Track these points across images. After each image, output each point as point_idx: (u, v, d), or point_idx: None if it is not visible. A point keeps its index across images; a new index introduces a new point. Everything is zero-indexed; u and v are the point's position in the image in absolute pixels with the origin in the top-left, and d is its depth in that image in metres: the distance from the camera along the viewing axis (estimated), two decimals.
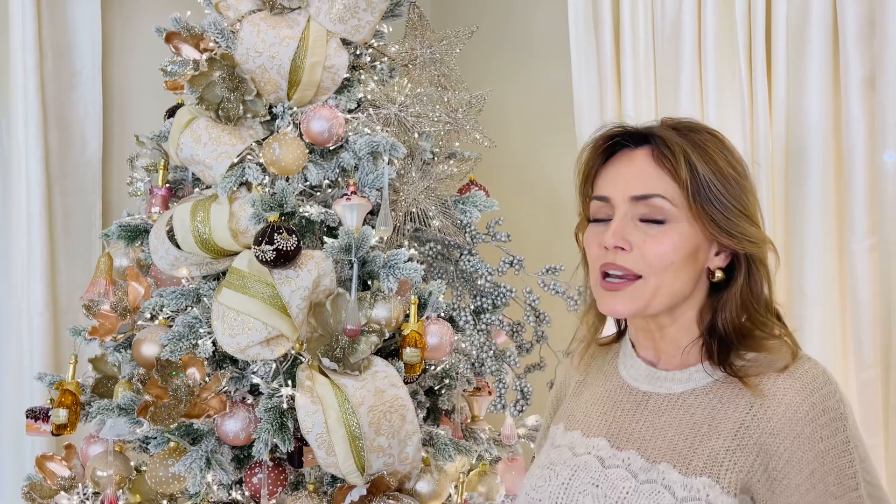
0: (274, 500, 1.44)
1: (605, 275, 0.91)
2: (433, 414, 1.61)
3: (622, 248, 0.89)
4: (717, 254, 0.92)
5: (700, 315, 0.94)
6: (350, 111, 1.60)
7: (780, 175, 1.67)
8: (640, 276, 0.89)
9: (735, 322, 0.91)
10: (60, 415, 1.50)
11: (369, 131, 1.56)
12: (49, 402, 1.59)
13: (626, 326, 1.05)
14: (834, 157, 1.60)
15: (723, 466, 0.85)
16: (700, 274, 0.92)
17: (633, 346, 1.00)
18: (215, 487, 1.49)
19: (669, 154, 0.88)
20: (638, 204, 0.89)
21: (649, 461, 0.89)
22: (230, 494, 1.49)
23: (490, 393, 1.74)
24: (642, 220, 0.89)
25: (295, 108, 1.56)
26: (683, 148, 0.88)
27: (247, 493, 1.47)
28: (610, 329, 1.09)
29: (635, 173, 0.90)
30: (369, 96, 1.62)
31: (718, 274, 0.92)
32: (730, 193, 0.88)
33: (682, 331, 0.94)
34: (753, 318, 0.91)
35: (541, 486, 0.94)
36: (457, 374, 1.58)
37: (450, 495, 1.52)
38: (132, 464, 1.57)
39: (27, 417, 1.59)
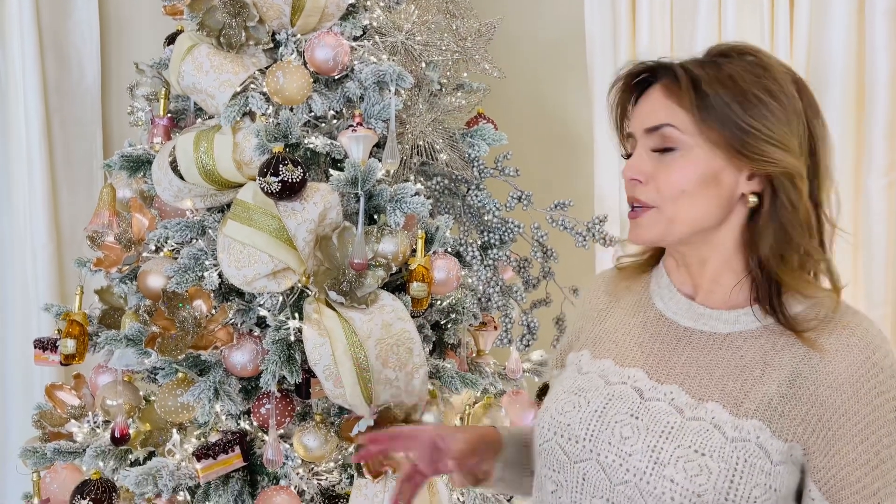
0: (282, 430, 1.46)
1: (632, 207, 0.93)
2: (439, 348, 1.61)
3: (639, 181, 0.91)
4: (750, 178, 0.89)
5: (742, 248, 0.91)
6: (355, 39, 1.55)
7: None
8: (656, 207, 0.90)
9: (777, 250, 0.88)
10: (68, 345, 1.51)
11: (375, 60, 1.52)
12: (56, 332, 1.59)
13: (660, 257, 1.04)
14: (855, 91, 1.56)
15: (776, 412, 0.86)
16: (729, 199, 0.89)
17: (670, 278, 0.99)
18: (224, 417, 1.50)
19: (674, 83, 0.89)
20: (651, 136, 0.90)
21: (695, 398, 0.88)
22: (238, 424, 1.51)
23: (496, 328, 1.75)
24: (655, 151, 0.90)
25: (299, 36, 1.51)
26: (691, 74, 0.88)
27: (255, 424, 1.49)
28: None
29: (648, 107, 0.92)
30: (375, 23, 1.57)
31: (752, 198, 0.89)
32: (749, 114, 0.86)
33: (723, 265, 0.92)
34: (789, 241, 0.88)
35: (569, 412, 0.94)
36: (463, 308, 1.58)
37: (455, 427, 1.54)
38: (141, 393, 1.58)
39: (35, 347, 1.60)
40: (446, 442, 1.00)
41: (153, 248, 1.59)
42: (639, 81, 0.95)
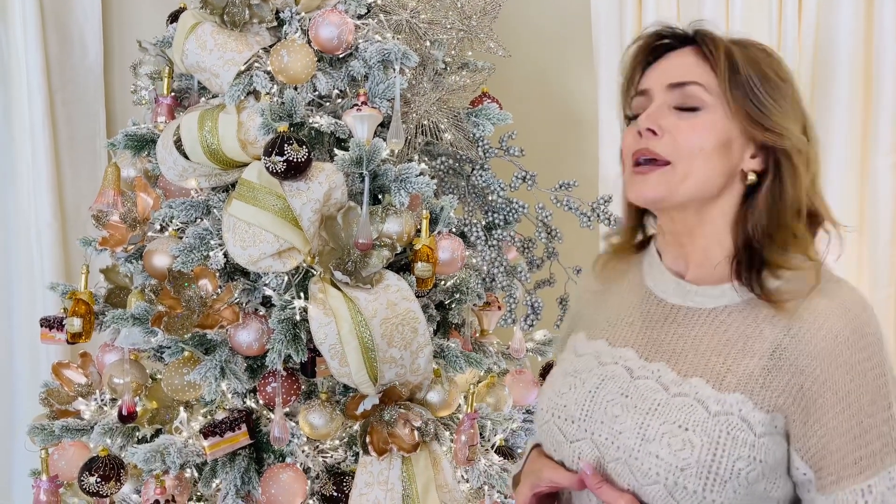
0: (287, 409, 1.47)
1: (637, 163, 0.92)
2: (443, 327, 1.62)
3: (654, 133, 0.90)
4: (752, 157, 0.92)
5: (733, 226, 0.93)
6: (360, 17, 1.54)
7: (805, 87, 1.62)
8: (669, 163, 0.90)
9: (763, 227, 0.89)
10: (75, 323, 1.52)
11: (380, 38, 1.50)
12: (62, 311, 1.60)
13: (650, 237, 1.04)
14: (863, 71, 1.55)
15: (758, 384, 0.86)
16: (732, 172, 0.91)
17: (660, 256, 0.99)
18: (230, 395, 1.52)
19: (712, 46, 0.90)
20: (674, 91, 0.90)
21: (680, 375, 0.90)
22: (244, 402, 1.53)
23: (500, 308, 1.75)
24: (677, 108, 0.90)
25: (303, 14, 1.50)
26: (726, 44, 0.91)
27: (261, 402, 1.50)
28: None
29: (675, 64, 0.92)
30: (380, 1, 1.56)
31: (751, 176, 0.91)
32: (767, 92, 0.89)
33: (712, 237, 0.93)
34: (780, 222, 0.89)
35: (566, 393, 0.95)
36: (467, 288, 1.58)
37: (459, 405, 1.55)
38: (148, 372, 1.59)
39: (41, 326, 1.61)
40: None
41: (158, 227, 1.59)
42: (661, 44, 0.96)
